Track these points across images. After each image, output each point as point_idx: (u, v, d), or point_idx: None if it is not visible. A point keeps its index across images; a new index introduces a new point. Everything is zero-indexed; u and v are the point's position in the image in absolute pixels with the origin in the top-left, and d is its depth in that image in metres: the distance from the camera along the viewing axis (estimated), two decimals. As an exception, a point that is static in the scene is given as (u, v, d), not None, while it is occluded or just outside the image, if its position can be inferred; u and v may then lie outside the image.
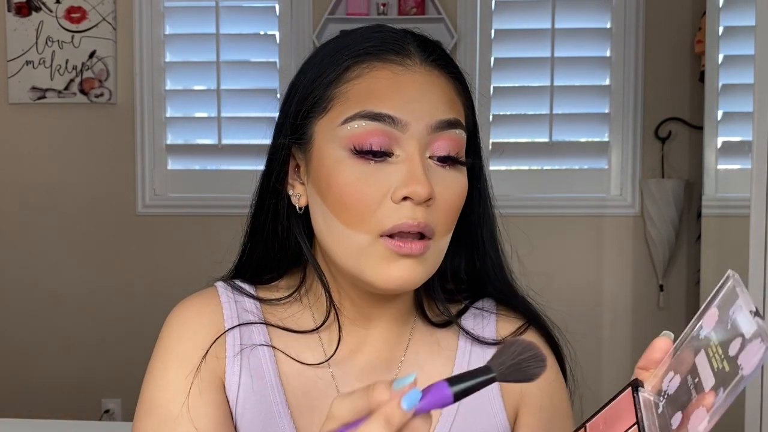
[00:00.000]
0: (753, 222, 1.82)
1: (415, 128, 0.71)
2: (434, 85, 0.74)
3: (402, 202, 0.70)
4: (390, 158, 0.71)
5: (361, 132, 0.71)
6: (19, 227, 2.92)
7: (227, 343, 0.78)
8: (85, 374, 2.89)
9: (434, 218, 0.72)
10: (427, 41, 0.78)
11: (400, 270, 0.71)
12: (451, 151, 0.73)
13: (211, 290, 0.83)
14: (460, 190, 0.74)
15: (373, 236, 0.71)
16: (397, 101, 0.72)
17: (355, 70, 0.74)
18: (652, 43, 2.73)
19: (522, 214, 2.77)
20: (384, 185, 0.71)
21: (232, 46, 2.83)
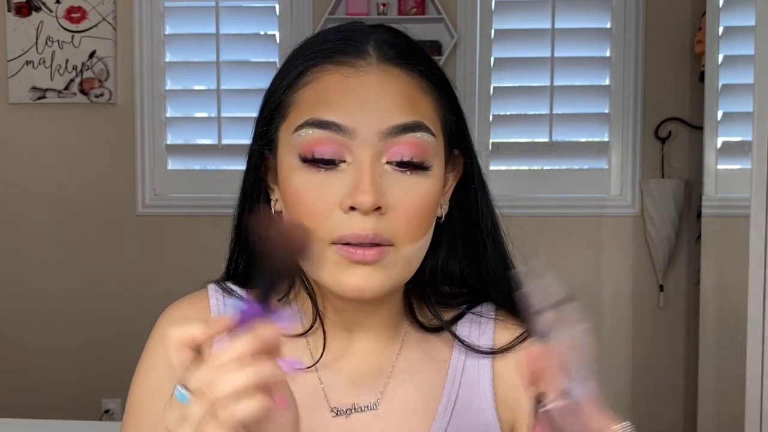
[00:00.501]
0: (753, 222, 1.82)
1: (364, 135, 0.69)
2: (389, 86, 0.71)
3: (351, 212, 0.68)
4: (341, 165, 0.69)
5: (309, 140, 0.69)
6: (19, 227, 2.92)
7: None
8: (85, 374, 2.89)
9: (391, 226, 0.69)
10: (392, 38, 0.74)
11: (355, 277, 0.69)
12: (409, 156, 0.70)
13: (201, 293, 0.83)
14: (422, 195, 0.71)
15: (325, 244, 0.69)
16: (344, 107, 0.69)
17: (308, 75, 0.72)
18: (652, 43, 2.73)
19: (522, 214, 2.76)
20: (333, 194, 0.69)
21: (232, 46, 2.83)
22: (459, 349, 0.81)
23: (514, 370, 0.80)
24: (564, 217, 2.80)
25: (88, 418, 2.81)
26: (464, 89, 2.76)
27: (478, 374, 0.80)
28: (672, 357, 2.78)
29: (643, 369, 2.81)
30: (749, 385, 1.84)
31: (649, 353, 2.80)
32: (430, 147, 0.71)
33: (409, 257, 0.72)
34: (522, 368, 0.60)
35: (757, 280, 1.82)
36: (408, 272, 0.73)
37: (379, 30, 0.75)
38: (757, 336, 1.83)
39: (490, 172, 2.79)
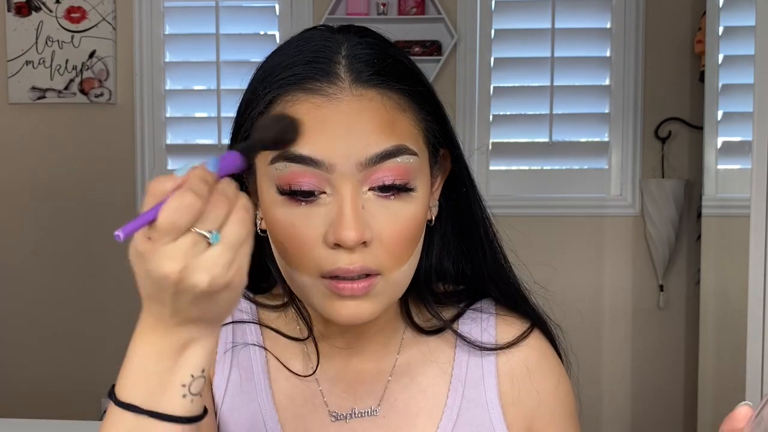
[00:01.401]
0: (753, 222, 1.82)
1: (343, 168, 0.66)
2: (364, 113, 0.67)
3: (337, 247, 0.66)
4: (321, 197, 0.67)
5: (285, 174, 0.66)
6: (19, 227, 2.92)
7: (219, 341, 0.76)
8: (85, 374, 2.89)
9: (377, 256, 0.67)
10: (366, 53, 0.70)
11: (347, 309, 0.68)
12: (391, 180, 0.67)
13: None
14: (407, 219, 0.68)
15: (314, 277, 0.68)
16: (320, 141, 0.65)
17: (279, 103, 0.69)
18: (652, 43, 2.73)
19: (522, 214, 2.77)
20: (316, 228, 0.67)
21: (232, 46, 2.83)
22: (462, 347, 0.80)
23: (520, 366, 0.80)
24: (564, 217, 2.80)
25: (88, 418, 2.81)
26: (464, 89, 2.76)
27: (482, 372, 0.80)
28: (672, 357, 2.78)
29: (643, 369, 2.81)
30: (749, 385, 1.84)
31: (649, 353, 2.80)
32: (412, 168, 0.68)
33: (398, 281, 0.71)
34: (727, 421, 0.59)
35: (757, 280, 1.82)
36: (400, 292, 0.72)
37: (351, 40, 0.71)
38: (757, 336, 1.83)
39: (490, 172, 2.79)
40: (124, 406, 0.56)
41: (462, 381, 0.79)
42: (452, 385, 0.79)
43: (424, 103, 0.72)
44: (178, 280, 0.53)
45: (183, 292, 0.53)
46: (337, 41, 0.71)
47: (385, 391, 0.78)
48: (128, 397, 0.56)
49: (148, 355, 0.57)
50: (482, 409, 0.78)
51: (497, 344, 0.80)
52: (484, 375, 0.79)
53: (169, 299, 0.55)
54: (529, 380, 0.80)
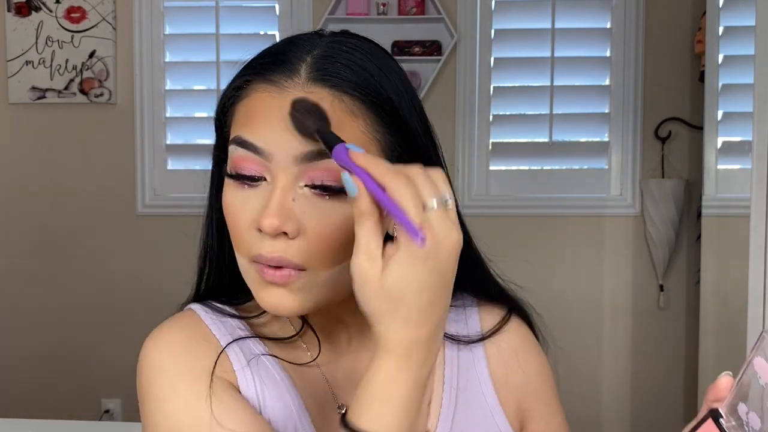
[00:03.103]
0: (753, 222, 1.82)
1: (279, 158, 0.68)
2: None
3: (262, 232, 0.68)
4: (262, 183, 0.69)
5: (235, 157, 0.70)
6: (19, 227, 2.92)
7: (231, 359, 0.75)
8: (84, 374, 2.89)
9: (301, 251, 0.68)
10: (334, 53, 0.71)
11: (270, 296, 0.70)
12: (324, 180, 0.68)
13: (188, 315, 0.79)
14: (340, 221, 0.68)
15: (247, 260, 0.71)
16: (263, 130, 0.68)
17: (245, 90, 0.72)
18: (652, 43, 2.73)
19: (522, 214, 2.77)
20: (252, 211, 0.69)
21: (232, 46, 2.83)
22: (450, 347, 0.84)
23: (506, 350, 0.85)
24: (564, 217, 2.80)
25: (88, 418, 2.81)
26: (464, 89, 2.76)
27: (473, 359, 0.83)
28: (672, 357, 2.78)
29: (643, 369, 2.81)
30: (749, 385, 1.84)
31: (649, 353, 2.80)
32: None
33: (326, 281, 0.70)
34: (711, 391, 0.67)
35: (757, 280, 1.82)
36: (333, 294, 0.72)
37: (332, 42, 0.72)
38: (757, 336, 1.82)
39: (490, 172, 2.79)
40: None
41: (455, 366, 0.82)
42: (447, 370, 0.82)
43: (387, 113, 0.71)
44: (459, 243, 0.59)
45: (456, 259, 0.59)
46: (315, 43, 0.72)
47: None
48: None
49: (409, 387, 0.60)
50: (477, 391, 0.82)
51: (483, 334, 0.84)
52: (475, 361, 0.83)
53: (450, 275, 0.60)
54: (516, 362, 0.85)
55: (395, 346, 0.60)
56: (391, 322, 0.59)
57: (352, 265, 0.60)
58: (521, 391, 0.84)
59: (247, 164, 0.69)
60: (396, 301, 0.59)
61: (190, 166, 2.89)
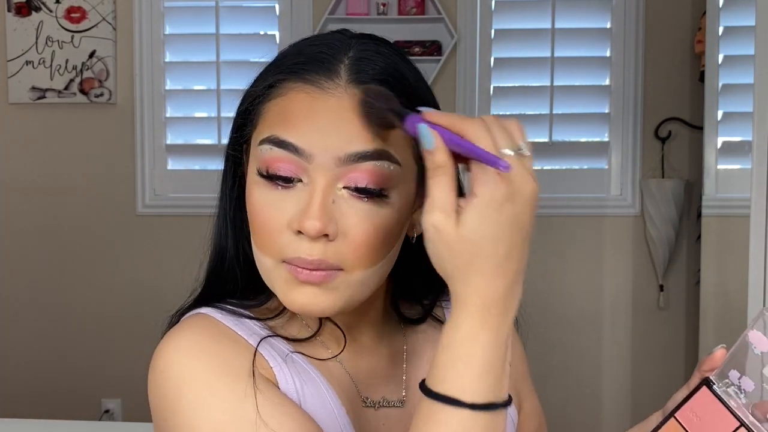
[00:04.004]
0: (753, 222, 1.82)
1: (320, 159, 0.67)
2: (353, 110, 0.68)
3: (300, 234, 0.67)
4: (298, 185, 0.68)
5: (268, 157, 0.69)
6: (19, 227, 2.92)
7: (266, 357, 0.73)
8: (85, 374, 2.89)
9: (340, 252, 0.68)
10: (371, 56, 0.71)
11: (302, 296, 0.69)
12: (365, 183, 0.68)
13: (203, 317, 0.75)
14: (377, 223, 0.68)
15: (276, 261, 0.70)
16: (305, 130, 0.68)
17: (279, 89, 0.71)
18: (652, 43, 2.73)
19: (522, 214, 2.76)
20: (287, 213, 0.68)
21: (232, 46, 2.83)
22: None
23: None
24: (564, 217, 2.80)
25: (88, 418, 2.81)
26: (464, 89, 2.76)
27: None
28: (672, 357, 2.78)
29: (643, 369, 2.81)
30: (749, 385, 1.84)
31: (649, 353, 2.80)
32: (391, 176, 0.69)
33: (360, 281, 0.70)
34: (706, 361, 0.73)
35: (757, 280, 1.82)
36: (361, 295, 0.72)
37: (362, 44, 0.73)
38: (757, 336, 1.82)
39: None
40: (478, 407, 0.58)
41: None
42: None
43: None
44: (536, 192, 0.58)
45: (534, 209, 0.58)
46: (348, 44, 0.72)
47: (405, 376, 0.82)
48: (478, 396, 0.58)
49: (491, 345, 0.59)
50: None
51: None
52: None
53: (527, 226, 0.59)
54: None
55: (472, 303, 0.58)
56: (467, 276, 0.58)
57: (425, 221, 0.59)
58: (515, 374, 0.86)
59: (283, 164, 0.68)
60: (472, 253, 0.57)
61: (190, 166, 2.89)
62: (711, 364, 0.72)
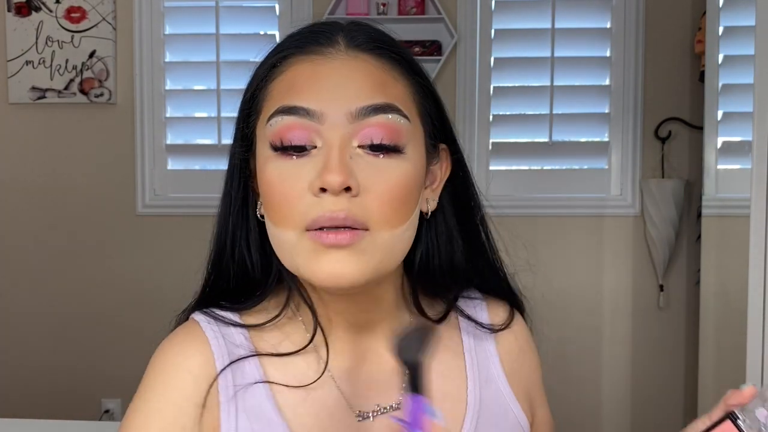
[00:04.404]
0: (753, 222, 1.82)
1: (333, 118, 0.68)
2: (358, 70, 0.70)
3: (322, 195, 0.66)
4: (312, 151, 0.68)
5: (279, 128, 0.69)
6: (19, 227, 2.92)
7: (220, 388, 0.73)
8: (85, 374, 2.89)
9: (365, 209, 0.67)
10: (364, 28, 0.74)
11: (330, 264, 0.67)
12: (381, 139, 0.68)
13: (191, 326, 0.76)
14: (397, 177, 0.69)
15: (299, 231, 0.68)
16: (313, 92, 0.69)
17: (280, 67, 0.72)
18: (652, 43, 2.73)
19: (522, 214, 2.77)
20: (304, 179, 0.68)
21: (232, 46, 2.83)
22: (466, 331, 0.84)
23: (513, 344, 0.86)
24: (564, 217, 2.80)
25: (88, 418, 2.81)
26: (464, 89, 2.76)
27: (486, 354, 0.84)
28: (672, 357, 2.78)
29: (643, 369, 2.81)
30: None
31: (649, 353, 2.80)
32: (402, 129, 0.70)
33: (387, 244, 0.69)
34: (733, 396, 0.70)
35: (757, 280, 1.82)
36: (389, 262, 0.70)
37: (354, 23, 0.75)
38: (757, 336, 1.83)
39: (490, 172, 2.79)
40: None
41: (475, 361, 0.83)
42: (467, 366, 0.82)
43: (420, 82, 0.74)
44: None
45: None
46: (341, 25, 0.75)
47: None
48: None
49: None
50: (495, 386, 0.83)
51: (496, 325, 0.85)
52: (488, 355, 0.84)
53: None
54: (521, 358, 0.87)
55: None
56: None
57: None
58: (528, 384, 0.87)
59: (296, 132, 0.68)
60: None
61: (190, 166, 2.89)
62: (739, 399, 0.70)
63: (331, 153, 0.67)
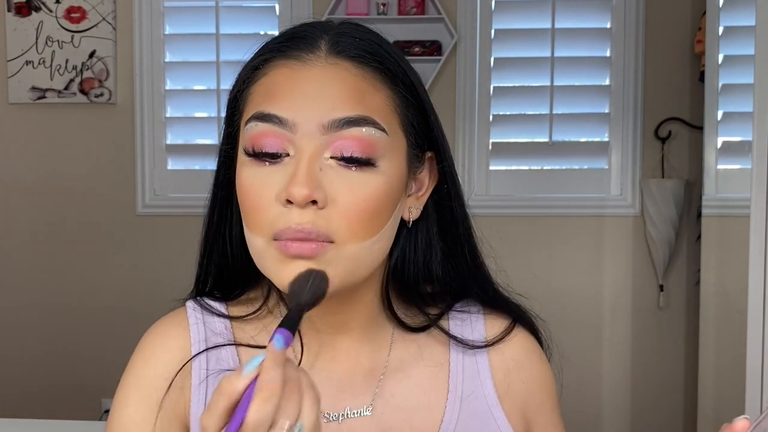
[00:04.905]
0: (753, 222, 1.82)
1: (305, 128, 0.67)
2: (335, 79, 0.69)
3: (290, 205, 0.66)
4: (285, 159, 0.68)
5: (254, 134, 0.69)
6: (19, 227, 2.92)
7: (193, 371, 0.76)
8: (85, 374, 2.89)
9: (331, 222, 0.67)
10: (351, 32, 0.72)
11: (294, 273, 0.65)
12: (353, 152, 0.67)
13: (180, 312, 0.81)
14: (368, 192, 0.68)
15: (267, 239, 0.68)
16: (287, 100, 0.68)
17: (263, 69, 0.72)
18: (652, 43, 2.73)
19: (522, 214, 2.77)
20: (274, 187, 0.68)
21: (232, 46, 2.83)
22: (455, 350, 0.82)
23: (509, 360, 0.83)
24: (564, 217, 2.80)
25: (88, 418, 2.81)
26: (464, 89, 2.76)
27: (477, 367, 0.81)
28: (672, 357, 2.78)
29: (643, 369, 2.81)
30: (749, 385, 1.84)
31: (649, 353, 2.80)
32: (377, 143, 0.68)
33: (354, 257, 0.68)
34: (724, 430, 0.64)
35: (757, 280, 1.82)
36: (358, 272, 0.70)
37: (342, 26, 0.74)
38: (757, 336, 1.83)
39: (490, 172, 2.79)
40: None
41: (460, 374, 0.80)
42: (451, 378, 0.80)
43: (405, 91, 0.72)
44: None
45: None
46: (328, 25, 0.74)
47: (379, 387, 0.78)
48: None
49: None
50: (482, 401, 0.80)
51: (487, 341, 0.82)
52: (479, 369, 0.81)
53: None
54: (519, 373, 0.83)
55: None
56: None
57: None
58: (524, 402, 0.83)
59: (269, 139, 0.68)
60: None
61: (190, 166, 2.89)
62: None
63: (300, 163, 0.67)
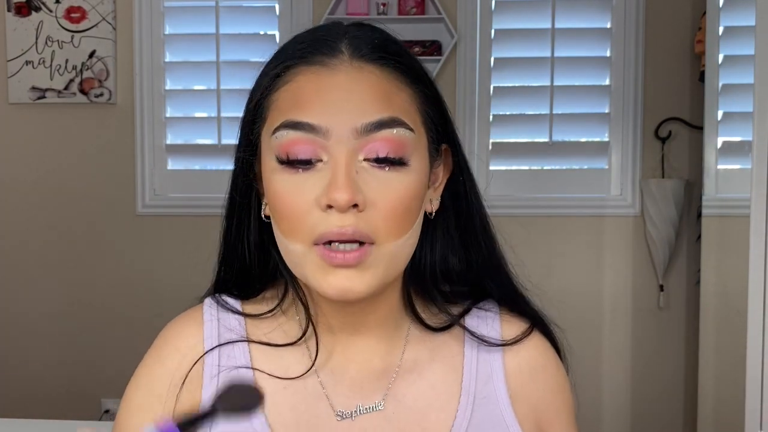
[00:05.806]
0: (753, 222, 1.82)
1: (338, 134, 0.69)
2: (362, 82, 0.70)
3: (329, 210, 0.68)
4: (318, 165, 0.69)
5: (285, 142, 0.70)
6: (19, 227, 2.92)
7: (205, 366, 0.77)
8: (85, 374, 2.89)
9: (371, 223, 0.68)
10: (367, 34, 0.74)
11: (338, 280, 0.69)
12: (387, 153, 0.69)
13: (197, 308, 0.83)
14: (403, 191, 0.70)
15: (307, 245, 0.70)
16: (318, 107, 0.69)
17: (284, 76, 0.72)
18: (652, 43, 2.73)
19: (522, 214, 2.76)
20: (311, 193, 0.69)
21: (232, 46, 2.83)
22: (470, 344, 0.81)
23: (525, 365, 0.82)
24: (564, 217, 2.80)
25: (88, 418, 2.81)
26: (464, 89, 2.76)
27: (491, 370, 0.81)
28: (672, 357, 2.78)
29: (643, 369, 2.81)
30: (749, 385, 1.84)
31: (649, 353, 2.80)
32: (407, 142, 0.71)
33: (392, 254, 0.71)
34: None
35: (757, 280, 1.82)
36: (394, 270, 0.72)
37: (356, 27, 0.75)
38: (757, 336, 1.83)
39: (490, 172, 2.79)
40: None
41: (473, 376, 0.80)
42: (464, 380, 0.79)
43: (423, 87, 0.75)
44: None
45: None
46: (344, 28, 0.75)
47: (390, 387, 0.78)
48: None
49: None
50: (494, 405, 0.79)
51: (505, 340, 0.81)
52: (493, 371, 0.81)
53: None
54: (534, 379, 0.82)
55: None
56: None
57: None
58: (538, 410, 0.82)
59: (302, 146, 0.69)
60: None
61: (190, 166, 2.89)
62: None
63: (337, 169, 0.68)
